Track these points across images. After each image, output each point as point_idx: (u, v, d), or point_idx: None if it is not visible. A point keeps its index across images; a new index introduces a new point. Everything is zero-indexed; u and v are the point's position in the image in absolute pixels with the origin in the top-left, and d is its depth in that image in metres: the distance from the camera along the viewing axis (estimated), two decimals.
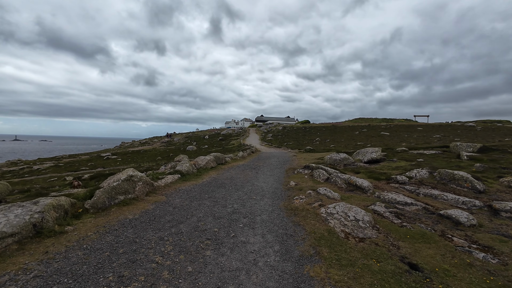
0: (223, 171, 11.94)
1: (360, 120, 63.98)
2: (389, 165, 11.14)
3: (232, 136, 55.23)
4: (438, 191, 6.91)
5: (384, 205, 5.87)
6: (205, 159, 12.37)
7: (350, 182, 7.81)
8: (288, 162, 15.64)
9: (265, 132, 55.07)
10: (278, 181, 9.46)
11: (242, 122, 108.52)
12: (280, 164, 14.72)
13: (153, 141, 62.06)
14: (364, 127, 51.95)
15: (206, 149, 41.62)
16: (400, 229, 4.75)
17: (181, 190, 7.88)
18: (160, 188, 7.92)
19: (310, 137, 43.98)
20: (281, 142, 38.85)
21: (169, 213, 5.62)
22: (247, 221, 5.29)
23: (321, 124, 61.28)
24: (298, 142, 38.49)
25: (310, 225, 4.87)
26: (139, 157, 40.18)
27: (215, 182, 9.29)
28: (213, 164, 12.69)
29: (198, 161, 12.15)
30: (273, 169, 12.58)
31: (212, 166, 12.45)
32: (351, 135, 43.00)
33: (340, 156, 12.22)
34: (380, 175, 8.92)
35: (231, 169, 12.61)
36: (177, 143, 55.84)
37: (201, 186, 8.46)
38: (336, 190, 7.46)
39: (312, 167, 10.67)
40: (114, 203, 5.83)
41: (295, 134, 48.34)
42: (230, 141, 48.21)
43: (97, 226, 4.77)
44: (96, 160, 38.98)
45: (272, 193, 7.67)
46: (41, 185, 16.19)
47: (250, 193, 7.64)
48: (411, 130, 45.91)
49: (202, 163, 11.92)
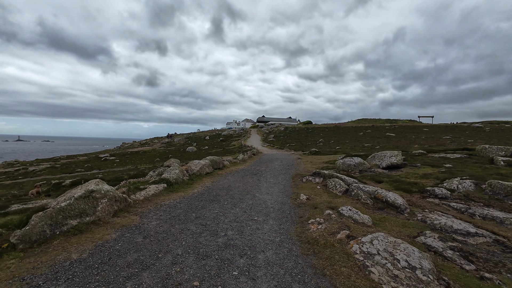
0: (219, 177, 10.21)
1: (363, 121, 62.11)
2: (415, 172, 9.35)
3: (233, 137, 53.54)
4: (500, 212, 5.13)
5: (438, 236, 4.11)
6: (199, 163, 10.64)
7: (378, 197, 6.05)
8: (293, 166, 13.89)
9: (267, 133, 53.34)
10: (285, 192, 7.72)
11: (243, 123, 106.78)
12: (285, 168, 12.96)
13: (153, 142, 60.54)
14: (368, 128, 50.09)
15: (206, 150, 39.93)
16: (482, 284, 3.00)
17: (164, 206, 6.14)
18: (138, 203, 6.19)
19: (313, 138, 42.19)
20: (283, 143, 37.09)
21: (135, 249, 3.88)
22: (245, 263, 3.55)
23: (324, 125, 59.47)
24: (301, 143, 36.72)
25: (341, 277, 3.11)
26: (137, 158, 38.63)
27: (208, 193, 7.56)
28: (209, 169, 10.95)
29: (191, 166, 10.42)
30: (277, 175, 10.84)
31: (207, 172, 10.71)
32: (356, 136, 41.17)
33: (355, 161, 10.45)
34: (410, 186, 7.14)
35: (229, 175, 10.87)
36: (177, 144, 54.26)
37: (189, 200, 6.72)
38: (361, 208, 5.70)
39: (324, 175, 8.91)
40: (61, 232, 4.12)
41: (298, 135, 46.56)
42: (231, 142, 46.53)
43: (13, 277, 3.05)
44: (94, 162, 37.45)
45: (278, 210, 5.92)
46: (19, 192, 14.56)
47: (250, 211, 5.90)
48: (417, 131, 44.03)
49: (196, 168, 10.20)
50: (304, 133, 48.66)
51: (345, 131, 48.15)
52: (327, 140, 38.26)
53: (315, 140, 39.46)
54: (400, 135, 40.52)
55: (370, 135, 41.58)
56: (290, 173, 11.48)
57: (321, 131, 49.21)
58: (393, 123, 56.87)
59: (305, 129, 53.38)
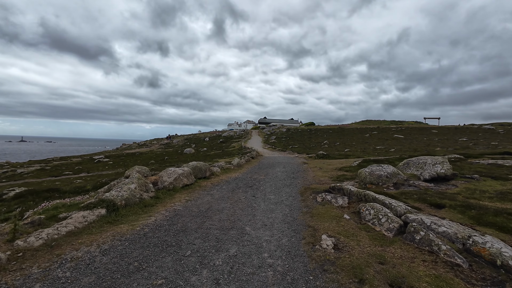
0: (201, 193, 7.22)
1: (368, 122, 58.89)
2: (477, 188, 6.29)
3: (234, 139, 50.62)
4: None
5: None
6: (175, 172, 7.64)
7: (477, 252, 3.04)
8: (299, 174, 10.87)
9: (268, 134, 50.34)
10: (292, 223, 4.70)
11: (245, 124, 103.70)
12: (289, 177, 9.94)
13: (152, 143, 57.82)
14: (373, 129, 46.90)
15: (205, 152, 37.00)
16: None
17: (67, 263, 3.20)
18: (20, 259, 3.25)
19: (317, 139, 39.10)
20: (285, 145, 34.04)
21: None
22: None
23: (327, 126, 56.33)
24: (305, 145, 33.64)
25: None
26: (132, 160, 35.78)
27: (170, 226, 4.57)
28: (188, 180, 7.93)
29: (163, 176, 7.44)
30: (280, 189, 7.83)
31: (185, 184, 7.69)
32: (362, 138, 38.02)
33: (386, 170, 7.39)
34: (506, 221, 4.10)
35: (215, 188, 7.88)
36: (175, 145, 51.47)
37: (127, 246, 3.75)
38: (452, 279, 2.71)
39: (350, 193, 5.88)
40: None
41: (300, 137, 43.48)
42: (231, 144, 43.60)
43: None
44: (86, 164, 34.65)
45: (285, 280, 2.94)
46: None
47: (230, 278, 2.95)
48: (426, 133, 40.81)
49: (168, 180, 7.21)
50: (307, 134, 45.58)
51: (350, 133, 45.01)
52: (332, 141, 35.16)
53: (319, 142, 36.37)
54: (409, 137, 37.32)
55: (377, 137, 38.43)
56: (297, 184, 8.45)
57: (325, 133, 46.11)
58: (398, 125, 53.64)
59: (308, 130, 50.30)
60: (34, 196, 9.31)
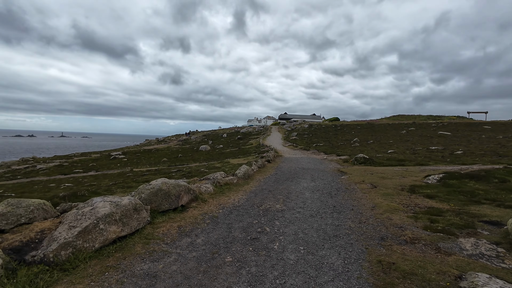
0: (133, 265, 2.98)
1: (400, 118, 51.30)
2: None
3: (252, 135, 46.39)
4: None
5: None
6: (91, 214, 3.48)
7: None
8: (342, 198, 6.23)
9: (289, 131, 45.35)
10: None
11: (265, 120, 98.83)
12: (328, 207, 5.36)
13: (171, 140, 55.61)
14: (409, 125, 39.88)
15: (221, 149, 33.20)
16: None
17: None
18: None
19: (345, 137, 33.45)
20: (308, 143, 29.02)
21: None
22: None
23: (354, 122, 49.83)
24: (331, 143, 28.36)
25: None
26: (147, 157, 33.04)
27: None
28: (125, 226, 3.63)
29: (60, 226, 3.33)
30: (318, 252, 3.37)
31: (112, 239, 3.48)
32: (399, 135, 31.69)
33: None
34: None
35: (181, 240, 3.52)
36: (193, 141, 48.54)
37: None
38: None
39: None
40: None
41: (325, 133, 37.99)
42: (249, 140, 39.41)
43: None
44: (102, 160, 32.42)
45: None
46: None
47: None
48: (477, 129, 33.25)
49: (65, 235, 3.05)
50: (332, 131, 39.90)
51: (381, 129, 38.57)
52: (364, 139, 29.41)
53: (347, 139, 30.80)
54: (458, 134, 30.29)
55: (417, 134, 31.85)
56: (350, 235, 3.91)
57: (352, 129, 40.08)
58: (438, 120, 45.68)
59: (333, 126, 44.47)
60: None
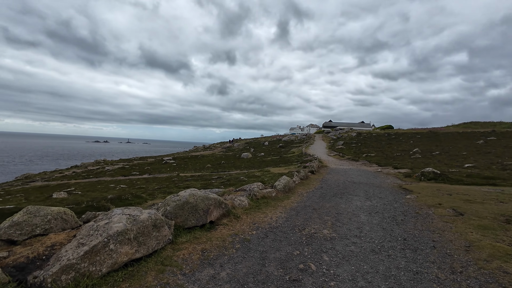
0: None
1: (473, 125, 42.93)
2: None
3: (294, 143, 44.79)
4: None
5: None
6: (105, 230, 2.97)
7: None
8: (414, 220, 4.65)
9: (334, 139, 42.29)
10: None
11: (307, 128, 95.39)
12: (398, 249, 3.97)
13: (215, 147, 57.84)
14: (488, 134, 32.80)
15: (262, 158, 32.70)
16: None
17: None
18: None
19: (401, 147, 29.24)
20: (357, 153, 26.17)
21: None
22: None
23: (412, 130, 43.72)
24: (385, 153, 24.97)
25: None
26: (193, 162, 34.74)
27: None
28: (141, 246, 2.96)
29: (68, 243, 2.91)
30: None
31: (123, 262, 2.90)
32: (474, 146, 26.12)
33: None
34: None
35: (202, 271, 2.81)
36: (235, 149, 49.43)
37: None
38: None
39: None
40: None
41: (376, 143, 34.04)
42: (291, 149, 38.00)
43: None
44: (156, 164, 35.33)
45: None
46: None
47: None
48: None
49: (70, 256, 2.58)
50: (385, 140, 35.58)
51: (448, 138, 32.67)
52: (426, 150, 25.10)
53: (405, 149, 26.78)
54: None
55: (499, 145, 25.73)
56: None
57: (410, 138, 35.04)
58: None
59: (385, 135, 39.74)
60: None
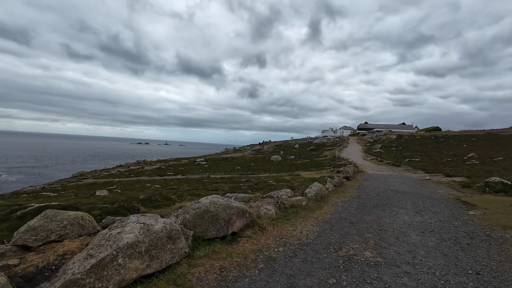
0: None
1: None
2: None
3: (326, 146, 42.73)
4: None
5: None
6: (115, 240, 2.72)
7: None
8: (485, 246, 3.60)
9: (371, 142, 39.23)
10: None
11: (341, 131, 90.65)
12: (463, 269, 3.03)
13: (245, 149, 58.22)
14: None
15: (292, 160, 31.74)
16: None
17: None
18: None
19: (452, 151, 25.67)
20: (398, 157, 23.66)
21: None
22: None
23: (465, 132, 38.42)
24: (432, 158, 22.10)
25: None
26: (224, 164, 35.33)
27: None
28: (153, 260, 2.66)
29: (77, 256, 2.68)
30: None
31: (131, 279, 2.60)
32: None
33: None
34: None
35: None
36: (265, 151, 49.04)
37: None
38: None
39: None
40: None
41: (421, 146, 30.53)
42: (322, 152, 36.24)
43: None
44: (189, 165, 36.80)
45: None
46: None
47: None
48: None
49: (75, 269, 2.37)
50: (431, 143, 31.76)
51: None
52: (485, 155, 21.57)
53: (457, 154, 23.41)
54: None
55: None
56: None
57: (463, 141, 30.70)
58: None
59: (431, 137, 35.55)
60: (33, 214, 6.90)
